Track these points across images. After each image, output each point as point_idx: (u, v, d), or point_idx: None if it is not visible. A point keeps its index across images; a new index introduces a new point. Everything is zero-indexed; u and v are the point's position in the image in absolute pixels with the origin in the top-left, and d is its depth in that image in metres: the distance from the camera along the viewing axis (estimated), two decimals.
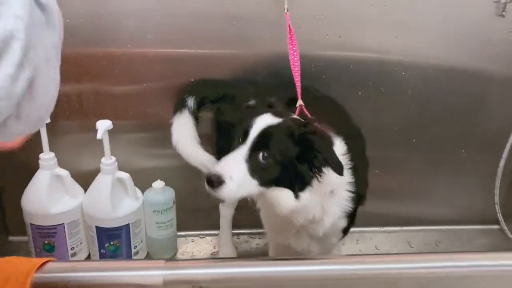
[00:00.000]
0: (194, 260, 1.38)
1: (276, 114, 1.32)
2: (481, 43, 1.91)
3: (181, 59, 1.83)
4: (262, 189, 1.27)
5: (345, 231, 1.55)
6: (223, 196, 1.22)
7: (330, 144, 1.30)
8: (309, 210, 1.34)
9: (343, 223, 1.49)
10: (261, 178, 1.25)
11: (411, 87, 1.95)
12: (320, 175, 1.28)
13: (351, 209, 1.45)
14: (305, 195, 1.29)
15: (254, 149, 1.25)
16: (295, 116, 1.39)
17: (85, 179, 1.86)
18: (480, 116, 2.03)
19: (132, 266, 0.99)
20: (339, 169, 1.25)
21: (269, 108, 1.38)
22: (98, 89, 1.84)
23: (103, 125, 1.66)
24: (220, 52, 1.84)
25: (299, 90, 1.55)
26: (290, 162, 1.26)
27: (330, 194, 1.38)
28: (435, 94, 1.97)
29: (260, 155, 1.24)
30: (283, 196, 1.29)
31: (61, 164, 1.84)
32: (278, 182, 1.27)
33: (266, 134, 1.26)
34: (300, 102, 1.52)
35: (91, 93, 1.85)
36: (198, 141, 1.77)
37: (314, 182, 1.29)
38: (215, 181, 1.19)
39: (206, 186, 1.22)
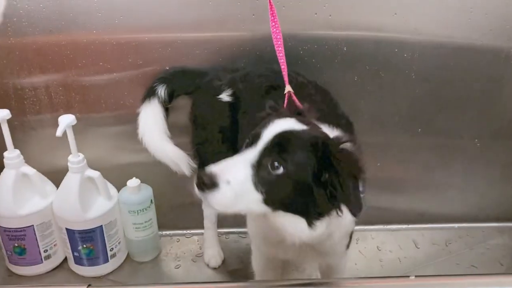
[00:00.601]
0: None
1: (301, 121, 1.11)
2: (497, 17, 1.67)
3: (154, 46, 1.67)
4: (266, 208, 1.05)
5: (351, 235, 1.36)
6: (215, 203, 1.01)
7: (358, 174, 1.04)
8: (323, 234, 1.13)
9: (353, 226, 1.30)
10: (268, 193, 1.03)
11: (414, 70, 1.73)
12: (340, 210, 1.07)
13: None
14: (321, 224, 1.08)
15: (265, 155, 1.03)
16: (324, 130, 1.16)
17: (60, 178, 1.73)
18: (496, 101, 1.81)
19: None
20: (356, 210, 1.04)
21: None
22: (66, 80, 1.71)
23: (65, 121, 1.52)
24: (197, 36, 1.67)
25: (285, 73, 1.36)
26: (306, 182, 1.04)
27: None
28: (442, 77, 1.75)
29: (270, 164, 1.02)
30: (293, 224, 1.08)
31: (31, 162, 1.72)
32: (288, 206, 1.06)
33: (283, 139, 1.04)
34: (288, 88, 1.33)
35: (59, 85, 1.71)
36: (167, 134, 1.60)
37: (333, 214, 1.07)
38: (208, 183, 0.99)
39: (196, 189, 1.02)
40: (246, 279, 1.72)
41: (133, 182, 1.70)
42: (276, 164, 1.02)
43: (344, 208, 1.12)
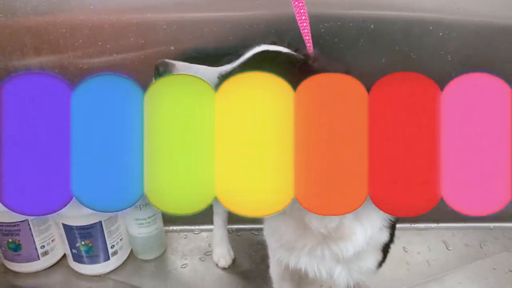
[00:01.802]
0: None
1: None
2: None
3: (158, 24, 1.50)
4: None
5: (386, 248, 1.12)
6: None
7: None
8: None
9: (384, 236, 1.07)
10: None
11: (451, 52, 1.53)
12: None
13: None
14: None
15: (237, 71, 0.92)
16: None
17: None
18: None
19: None
20: None
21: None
22: (63, 63, 1.55)
23: None
24: (206, 16, 1.49)
25: (308, 37, 1.21)
26: None
27: None
28: (484, 60, 1.55)
29: None
30: None
31: None
32: None
33: (261, 57, 0.93)
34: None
35: (55, 67, 1.56)
36: None
37: None
38: (162, 72, 0.90)
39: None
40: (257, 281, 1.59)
41: None
42: None
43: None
